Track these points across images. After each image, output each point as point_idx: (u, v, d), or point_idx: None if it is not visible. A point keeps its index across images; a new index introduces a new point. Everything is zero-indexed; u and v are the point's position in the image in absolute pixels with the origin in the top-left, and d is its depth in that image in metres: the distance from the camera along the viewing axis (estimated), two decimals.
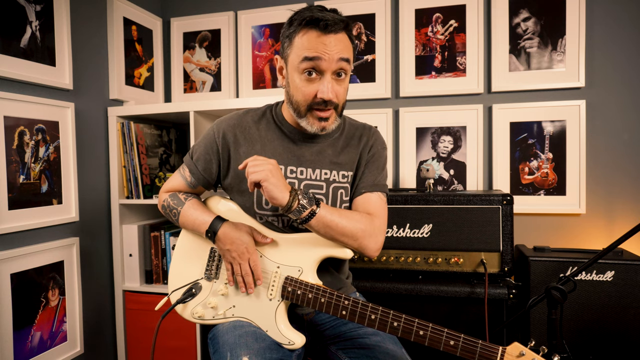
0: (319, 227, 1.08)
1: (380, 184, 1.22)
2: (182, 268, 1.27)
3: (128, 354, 2.13)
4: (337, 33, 1.08)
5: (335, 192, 1.21)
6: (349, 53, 1.11)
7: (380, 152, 1.25)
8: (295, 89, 1.12)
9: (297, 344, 1.12)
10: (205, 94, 2.48)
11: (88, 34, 2.00)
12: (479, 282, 1.68)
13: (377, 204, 1.19)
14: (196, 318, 1.22)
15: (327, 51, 1.07)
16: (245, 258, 1.14)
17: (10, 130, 1.63)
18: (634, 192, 1.97)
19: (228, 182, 1.24)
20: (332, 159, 1.22)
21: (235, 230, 1.15)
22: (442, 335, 1.00)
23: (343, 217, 1.10)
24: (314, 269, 1.14)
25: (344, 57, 1.09)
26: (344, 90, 1.14)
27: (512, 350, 0.95)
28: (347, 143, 1.24)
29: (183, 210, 1.24)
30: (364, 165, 1.23)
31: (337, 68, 1.09)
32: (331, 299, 1.08)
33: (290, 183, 1.19)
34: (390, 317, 1.03)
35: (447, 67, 2.14)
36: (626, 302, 1.63)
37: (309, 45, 1.07)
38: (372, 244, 1.14)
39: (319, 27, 1.06)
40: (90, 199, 2.01)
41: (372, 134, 1.27)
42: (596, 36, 1.99)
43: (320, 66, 1.07)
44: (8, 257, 1.61)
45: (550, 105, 2.02)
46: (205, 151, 1.24)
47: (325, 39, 1.07)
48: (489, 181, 2.13)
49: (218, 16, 2.43)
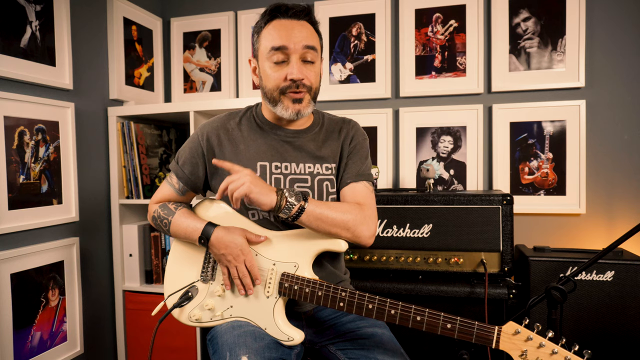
0: (310, 222, 1.10)
1: (365, 173, 1.25)
2: (177, 272, 1.27)
3: (128, 354, 2.13)
4: (300, 20, 1.14)
5: (320, 185, 1.23)
6: (314, 41, 1.16)
7: (362, 142, 1.28)
8: (266, 79, 1.17)
9: (296, 340, 1.12)
10: (205, 94, 2.48)
11: (88, 34, 2.01)
12: (479, 282, 1.68)
13: (363, 193, 1.22)
14: (193, 321, 1.22)
15: (292, 38, 1.12)
16: (241, 260, 1.14)
17: (10, 130, 1.63)
18: (634, 192, 1.97)
19: (215, 184, 1.26)
20: (315, 153, 1.24)
21: (228, 234, 1.16)
22: (439, 319, 1.02)
23: (332, 209, 1.12)
24: (309, 264, 1.15)
25: (309, 44, 1.14)
26: (314, 74, 1.17)
27: (508, 328, 0.98)
28: (327, 137, 1.27)
29: (174, 220, 1.23)
30: (346, 157, 1.25)
31: (304, 54, 1.14)
32: (328, 291, 1.10)
33: (276, 179, 1.21)
34: (387, 306, 1.05)
35: (447, 67, 2.14)
36: (626, 302, 1.63)
37: (275, 34, 1.14)
38: (365, 232, 1.15)
39: (282, 15, 1.14)
40: (90, 199, 2.01)
41: (352, 126, 1.30)
42: (596, 36, 1.99)
43: (287, 52, 1.13)
44: (8, 257, 1.61)
45: (550, 105, 2.02)
46: (191, 155, 1.25)
47: (288, 25, 1.13)
48: (489, 181, 2.13)
49: (218, 16, 2.43)
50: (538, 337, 0.96)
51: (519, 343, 0.97)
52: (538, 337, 0.96)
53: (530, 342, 0.96)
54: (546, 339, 0.96)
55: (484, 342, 0.99)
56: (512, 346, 0.97)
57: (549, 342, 0.95)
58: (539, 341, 0.95)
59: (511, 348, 0.97)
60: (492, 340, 0.98)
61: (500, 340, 0.98)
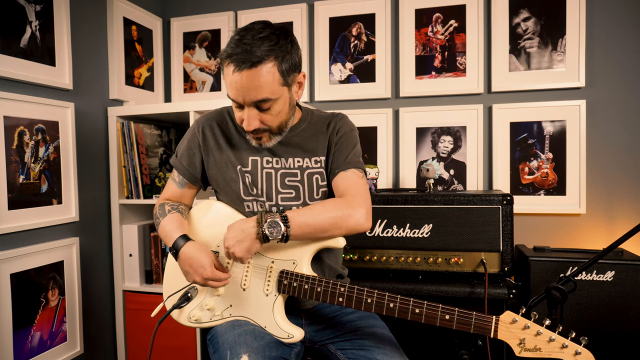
0: (302, 237, 1.12)
1: (353, 161, 1.23)
2: (177, 272, 1.27)
3: (128, 354, 2.13)
4: (251, 69, 1.04)
5: (310, 178, 1.24)
6: (267, 90, 1.07)
7: (348, 133, 1.27)
8: None
9: (296, 337, 1.13)
10: (205, 94, 2.48)
11: (88, 34, 2.01)
12: (479, 282, 1.68)
13: (352, 180, 1.20)
14: (193, 322, 1.22)
15: (241, 93, 1.07)
16: (200, 272, 1.12)
17: (10, 130, 1.63)
18: (634, 192, 1.97)
19: (212, 174, 1.28)
20: (303, 147, 1.25)
21: (196, 251, 1.14)
22: (437, 311, 1.03)
23: (317, 215, 1.11)
24: (308, 261, 1.16)
25: (258, 99, 1.08)
26: (271, 116, 1.13)
27: (505, 318, 0.99)
28: (315, 131, 1.27)
29: (162, 222, 1.24)
30: (334, 148, 1.25)
31: (257, 104, 1.10)
32: (327, 287, 1.11)
33: (267, 173, 1.23)
34: (386, 299, 1.06)
35: (447, 67, 2.14)
36: (626, 302, 1.63)
37: (228, 83, 1.09)
38: (357, 220, 1.13)
39: (233, 64, 1.05)
40: (90, 199, 2.01)
41: (340, 119, 1.29)
42: (596, 36, 1.99)
43: (240, 103, 1.11)
44: (8, 257, 1.61)
45: (550, 105, 2.02)
46: (188, 146, 1.28)
47: (238, 79, 1.05)
48: (489, 181, 2.13)
49: (218, 16, 2.43)
50: (535, 325, 0.97)
51: (517, 332, 0.98)
52: (535, 325, 0.97)
53: (528, 330, 0.97)
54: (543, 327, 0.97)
55: (482, 331, 1.00)
56: (510, 335, 0.98)
57: (546, 329, 0.97)
58: (536, 329, 0.97)
59: (509, 337, 0.98)
60: (490, 330, 0.99)
61: (498, 330, 0.99)
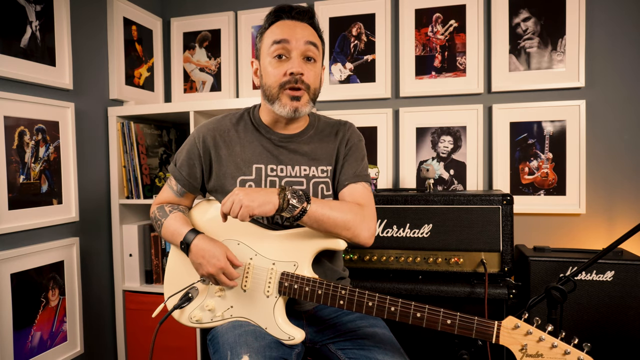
0: (312, 223, 1.11)
1: (363, 174, 1.25)
2: (177, 273, 1.27)
3: (128, 354, 2.13)
4: (303, 21, 1.17)
5: (315, 187, 1.23)
6: (316, 39, 1.18)
7: (357, 144, 1.28)
8: (267, 75, 1.18)
9: (297, 339, 1.13)
10: (205, 94, 2.48)
11: (88, 34, 2.00)
12: (479, 282, 1.68)
13: (363, 194, 1.22)
14: (194, 322, 1.22)
15: (294, 34, 1.14)
16: (214, 263, 1.12)
17: (10, 130, 1.63)
18: (634, 192, 1.97)
19: (212, 185, 1.26)
20: (310, 155, 1.24)
21: (208, 244, 1.15)
22: (438, 316, 1.03)
23: (334, 209, 1.12)
24: (309, 263, 1.15)
25: (311, 40, 1.16)
26: (314, 74, 1.18)
27: (508, 323, 0.98)
28: (322, 139, 1.27)
29: (165, 222, 1.25)
30: (342, 159, 1.25)
31: (305, 50, 1.15)
32: (328, 289, 1.10)
33: (271, 181, 1.21)
34: (387, 303, 1.05)
35: (447, 67, 2.14)
36: (626, 302, 1.63)
37: (277, 31, 1.15)
38: (365, 232, 1.15)
39: (285, 15, 1.17)
40: (90, 199, 2.01)
41: (348, 128, 1.30)
42: (596, 36, 1.99)
43: (288, 47, 1.14)
44: (8, 257, 1.61)
45: (550, 105, 2.02)
46: (188, 157, 1.26)
47: (291, 24, 1.16)
48: (489, 181, 2.13)
49: (218, 16, 2.43)
50: (538, 331, 0.96)
51: (519, 337, 0.97)
52: (538, 331, 0.96)
53: (530, 336, 0.96)
54: (546, 333, 0.96)
55: (483, 337, 0.99)
56: (512, 341, 0.97)
57: (548, 335, 0.96)
58: (538, 335, 0.96)
59: (511, 342, 0.97)
60: (492, 335, 0.99)
61: (500, 335, 0.98)
